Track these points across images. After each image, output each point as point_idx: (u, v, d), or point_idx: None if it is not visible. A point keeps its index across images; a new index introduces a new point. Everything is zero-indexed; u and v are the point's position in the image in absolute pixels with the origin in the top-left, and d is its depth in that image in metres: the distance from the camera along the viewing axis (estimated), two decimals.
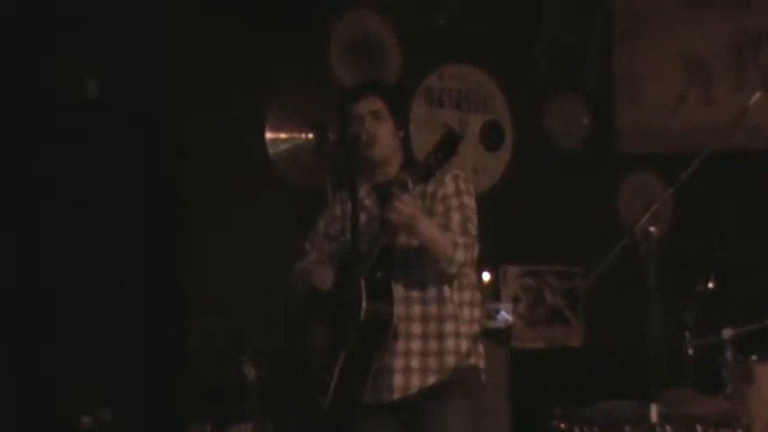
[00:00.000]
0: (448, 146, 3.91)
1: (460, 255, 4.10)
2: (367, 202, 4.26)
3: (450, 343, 4.18)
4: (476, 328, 4.27)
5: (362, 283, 4.06)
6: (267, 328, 5.47)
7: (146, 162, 6.03)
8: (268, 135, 6.07)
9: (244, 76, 5.98)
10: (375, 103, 4.27)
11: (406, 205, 3.94)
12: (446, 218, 4.16)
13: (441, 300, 4.19)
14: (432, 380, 4.16)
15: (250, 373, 5.45)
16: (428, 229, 4.06)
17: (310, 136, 6.14)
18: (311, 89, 6.17)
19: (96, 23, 5.87)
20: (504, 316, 6.38)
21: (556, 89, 7.27)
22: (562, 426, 5.17)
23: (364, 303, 4.03)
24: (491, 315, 6.32)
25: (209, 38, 6.00)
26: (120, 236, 5.95)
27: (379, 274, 4.10)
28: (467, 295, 4.26)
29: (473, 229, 4.18)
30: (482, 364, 4.29)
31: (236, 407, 5.50)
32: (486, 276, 6.52)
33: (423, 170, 3.93)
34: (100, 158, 5.92)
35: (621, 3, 7.55)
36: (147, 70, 5.97)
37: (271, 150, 6.08)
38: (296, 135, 6.14)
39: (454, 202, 4.19)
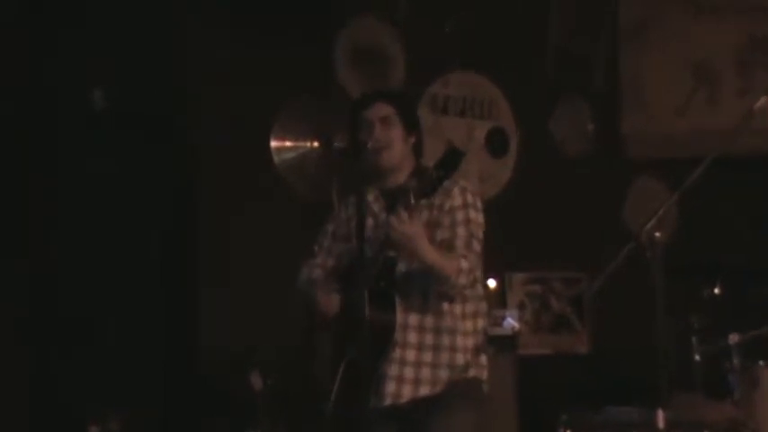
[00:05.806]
0: (449, 163, 3.91)
1: (463, 280, 4.09)
2: (375, 207, 4.28)
3: (444, 356, 4.17)
4: (479, 339, 4.25)
5: (366, 292, 4.07)
6: (277, 337, 5.47)
7: (161, 172, 6.04)
8: (273, 143, 6.07)
9: (250, 86, 5.99)
10: (385, 109, 4.28)
11: (402, 223, 3.94)
12: (452, 232, 4.14)
13: (439, 312, 4.18)
14: (424, 391, 4.16)
15: (257, 382, 5.46)
16: (429, 255, 4.02)
17: (316, 144, 6.14)
18: (316, 97, 6.17)
19: (101, 29, 5.89)
20: (511, 323, 6.38)
21: (561, 95, 7.27)
22: None
23: (367, 313, 4.04)
24: (497, 322, 6.33)
25: (218, 50, 6.02)
26: (134, 249, 5.96)
27: (382, 284, 4.11)
28: (470, 307, 4.24)
29: (478, 246, 4.17)
30: (484, 375, 4.27)
31: (247, 416, 5.50)
32: (491, 283, 6.53)
33: (425, 186, 3.92)
34: (110, 167, 5.93)
35: (627, 8, 7.55)
36: (155, 78, 5.99)
37: (276, 159, 6.08)
38: (301, 143, 6.14)
39: (460, 215, 4.17)
